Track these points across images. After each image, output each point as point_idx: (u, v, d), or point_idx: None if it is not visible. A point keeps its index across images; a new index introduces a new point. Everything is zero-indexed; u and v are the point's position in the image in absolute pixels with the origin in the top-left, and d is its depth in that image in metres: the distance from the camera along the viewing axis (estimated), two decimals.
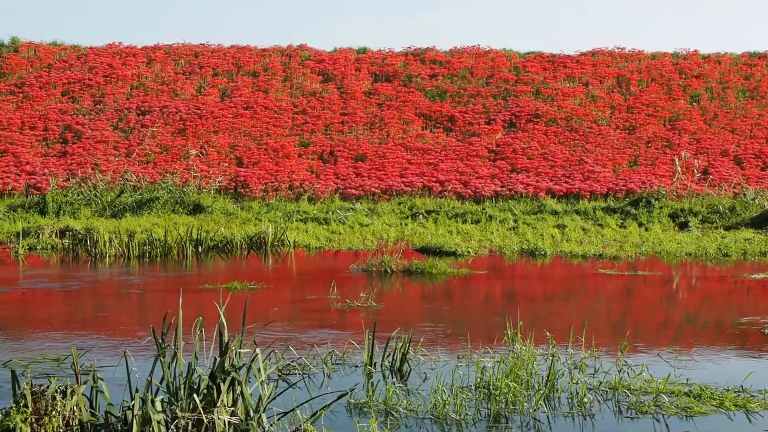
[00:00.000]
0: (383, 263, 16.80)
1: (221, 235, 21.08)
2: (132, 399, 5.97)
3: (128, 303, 13.93)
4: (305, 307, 13.30)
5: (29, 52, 40.82)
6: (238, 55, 41.27)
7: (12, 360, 9.14)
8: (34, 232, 21.38)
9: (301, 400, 7.06)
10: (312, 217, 25.27)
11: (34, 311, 13.03)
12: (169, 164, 30.64)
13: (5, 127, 33.34)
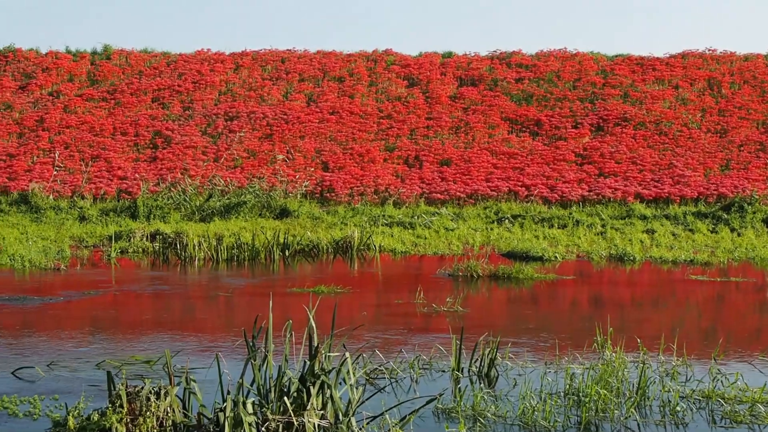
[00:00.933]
0: (469, 268, 16.72)
1: (308, 239, 21.23)
2: (224, 401, 6.03)
3: (217, 306, 14.12)
4: (392, 311, 13.31)
5: (121, 60, 41.76)
6: (324, 60, 41.58)
7: (105, 361, 9.33)
8: (125, 236, 21.82)
9: (390, 405, 7.05)
10: (397, 222, 25.28)
11: (125, 313, 13.29)
12: (256, 169, 31.00)
13: (98, 133, 34.14)
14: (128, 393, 5.96)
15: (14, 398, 7.79)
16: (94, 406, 6.74)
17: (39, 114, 35.64)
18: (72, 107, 36.45)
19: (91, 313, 13.04)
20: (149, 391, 6.01)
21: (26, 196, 27.84)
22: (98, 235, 22.60)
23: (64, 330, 11.50)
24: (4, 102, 36.93)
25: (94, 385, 8.36)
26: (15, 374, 8.84)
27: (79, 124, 34.80)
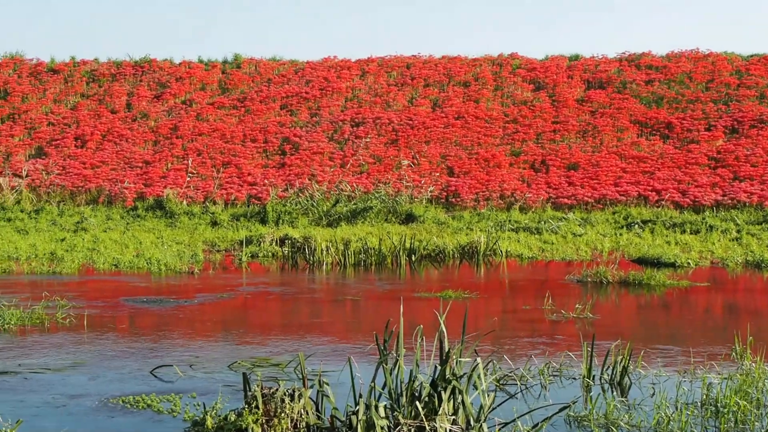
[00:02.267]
0: (598, 274, 16.45)
1: (434, 244, 21.25)
2: (356, 404, 6.09)
3: (345, 310, 14.27)
4: (520, 317, 13.20)
5: (250, 68, 42.70)
6: (449, 65, 41.60)
7: (237, 362, 9.55)
8: (256, 241, 22.28)
9: (520, 411, 7.00)
10: (523, 227, 25.07)
11: (256, 316, 13.57)
12: (382, 174, 31.24)
13: (229, 140, 35.00)
14: (263, 394, 6.08)
15: (153, 396, 8.05)
16: (230, 407, 6.91)
17: (173, 122, 36.77)
18: (204, 115, 37.48)
19: (224, 316, 13.37)
20: (283, 392, 6.11)
21: (161, 202, 28.76)
22: (229, 239, 23.14)
23: (198, 331, 11.82)
24: (140, 111, 38.25)
25: (228, 386, 8.56)
26: (154, 373, 9.13)
27: (211, 131, 35.75)
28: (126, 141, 35.39)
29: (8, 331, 11.45)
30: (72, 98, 40.37)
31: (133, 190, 30.21)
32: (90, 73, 42.50)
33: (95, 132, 36.05)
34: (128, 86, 41.21)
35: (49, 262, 18.86)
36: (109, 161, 33.43)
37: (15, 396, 8.24)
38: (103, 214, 28.15)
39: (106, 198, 30.21)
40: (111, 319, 12.61)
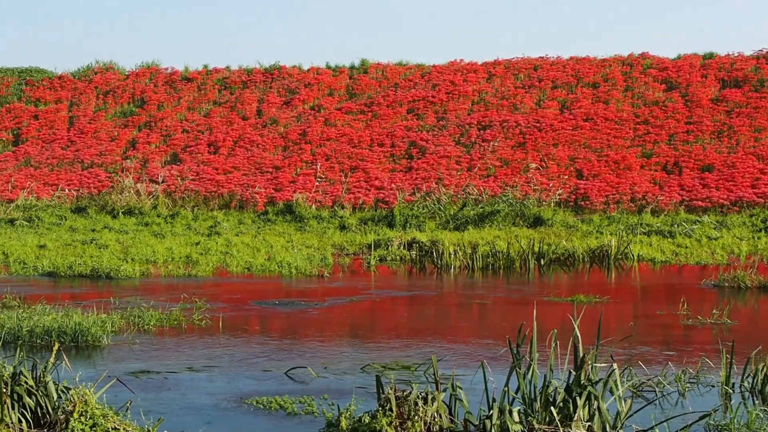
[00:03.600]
0: (736, 278, 15.92)
1: (563, 247, 20.98)
2: (489, 408, 6.06)
3: (473, 313, 14.22)
4: (653, 322, 12.89)
5: (377, 73, 43.04)
6: (577, 66, 41.02)
7: (370, 365, 9.63)
8: (384, 244, 22.43)
9: (657, 419, 6.83)
10: (656, 230, 24.48)
11: (384, 319, 13.66)
12: (509, 177, 31.03)
13: (356, 145, 35.36)
14: (397, 397, 6.11)
15: (286, 397, 8.19)
16: (363, 408, 6.97)
17: (302, 127, 37.37)
18: (332, 120, 37.98)
19: (354, 318, 13.50)
20: (417, 395, 6.13)
21: (291, 206, 29.27)
22: (358, 243, 23.36)
23: (328, 334, 11.97)
24: (270, 117, 39.03)
25: (359, 387, 8.64)
26: (289, 374, 9.29)
27: (339, 136, 36.19)
28: (257, 147, 36.16)
29: (148, 331, 11.83)
30: (205, 106, 41.51)
31: (264, 195, 30.84)
32: (222, 81, 43.62)
33: (227, 138, 36.96)
34: (258, 93, 42.11)
35: (184, 265, 19.42)
36: (240, 167, 34.23)
37: (155, 395, 8.50)
38: (235, 219, 28.83)
39: (238, 203, 30.93)
40: (244, 321, 12.90)
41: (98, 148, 37.61)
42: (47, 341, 10.70)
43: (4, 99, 44.20)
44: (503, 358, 9.61)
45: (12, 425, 6.65)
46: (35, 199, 31.94)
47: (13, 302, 13.67)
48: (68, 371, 7.75)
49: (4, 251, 21.08)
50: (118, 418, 6.79)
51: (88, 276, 17.80)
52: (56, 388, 6.96)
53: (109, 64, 46.66)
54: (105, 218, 29.27)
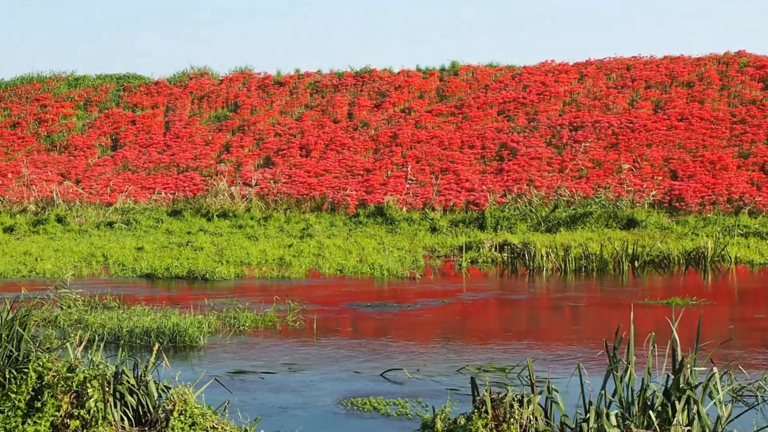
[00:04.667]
0: None
1: (657, 249, 20.62)
2: (585, 411, 6.01)
3: (566, 316, 14.09)
4: (752, 325, 12.60)
5: (467, 75, 42.96)
6: (671, 65, 40.28)
7: (465, 367, 9.63)
8: (475, 246, 22.37)
9: (759, 425, 6.68)
10: (754, 232, 23.90)
11: (476, 321, 13.62)
12: (602, 179, 30.63)
13: (447, 147, 35.33)
14: (492, 399, 6.11)
15: (380, 399, 8.25)
16: (457, 411, 6.98)
17: (392, 130, 37.51)
18: (422, 123, 38.03)
19: (445, 321, 13.51)
20: (512, 398, 6.12)
21: (382, 209, 29.41)
22: (449, 245, 23.34)
23: (420, 336, 12.00)
24: (361, 120, 39.27)
25: (452, 389, 8.64)
26: (384, 376, 9.35)
27: (429, 138, 36.22)
28: (348, 149, 36.42)
29: (243, 332, 12.03)
30: (297, 109, 41.99)
31: (355, 198, 31.05)
32: (313, 85, 44.06)
33: (319, 141, 37.32)
34: (349, 96, 42.42)
35: (278, 267, 19.67)
36: (332, 169, 34.52)
37: (252, 395, 8.65)
38: (327, 221, 29.08)
39: (330, 205, 31.20)
40: (337, 323, 13.01)
41: (193, 152, 38.36)
42: (146, 341, 10.96)
43: (103, 105, 45.42)
44: (598, 361, 9.51)
45: (114, 423, 6.83)
46: (133, 202, 32.73)
47: (113, 303, 14.04)
48: (167, 371, 7.93)
49: (103, 253, 21.65)
50: (216, 417, 6.93)
51: (185, 278, 18.17)
52: (157, 387, 7.13)
53: (204, 69, 47.56)
54: (200, 221, 29.83)
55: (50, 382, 6.71)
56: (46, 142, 42.60)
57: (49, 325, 12.24)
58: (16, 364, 7.07)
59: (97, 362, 7.03)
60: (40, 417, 6.52)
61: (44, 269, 18.92)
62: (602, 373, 6.72)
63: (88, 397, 6.68)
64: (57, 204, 32.56)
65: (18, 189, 34.67)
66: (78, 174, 37.54)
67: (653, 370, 7.12)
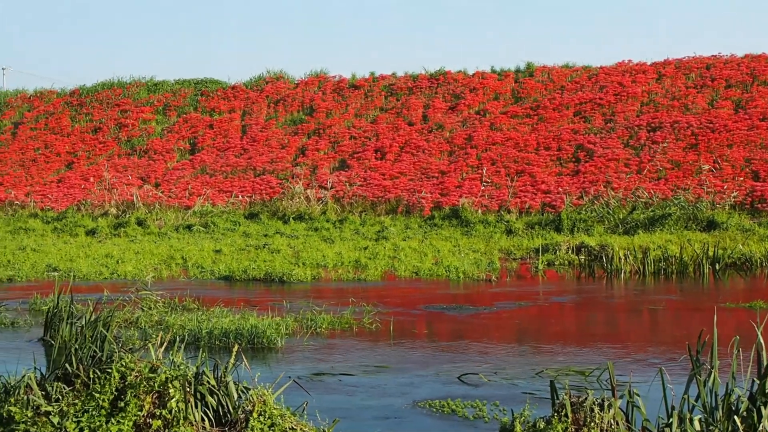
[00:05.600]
0: None
1: (739, 252, 20.20)
2: (668, 416, 5.90)
3: (645, 319, 13.87)
4: None
5: (543, 76, 42.64)
6: (752, 64, 39.43)
7: (543, 370, 9.54)
8: (551, 249, 22.18)
9: None
10: None
11: (553, 324, 13.49)
12: (681, 180, 30.11)
13: (522, 149, 35.11)
14: (572, 403, 6.04)
15: (458, 401, 8.22)
16: (537, 414, 6.92)
17: (467, 132, 37.41)
18: (497, 124, 37.85)
19: (522, 323, 13.41)
20: (593, 402, 6.04)
21: (457, 211, 29.34)
22: (524, 247, 23.18)
23: (497, 339, 11.93)
24: (436, 122, 39.25)
25: (529, 393, 8.58)
26: (462, 379, 9.32)
27: (504, 140, 36.03)
28: (423, 152, 36.43)
29: (320, 334, 12.10)
30: (372, 112, 42.14)
31: (430, 200, 31.03)
32: (388, 87, 44.18)
33: (394, 144, 37.40)
34: (424, 98, 42.44)
35: (353, 269, 19.76)
36: (407, 172, 34.56)
37: (330, 397, 8.69)
38: (402, 224, 29.11)
39: (405, 208, 31.22)
40: (413, 325, 13.01)
41: (269, 155, 38.75)
42: (225, 342, 11.09)
43: (181, 110, 46.17)
44: (679, 365, 9.35)
45: (195, 423, 6.92)
46: (211, 205, 33.19)
47: (192, 305, 14.24)
48: (246, 372, 8.00)
49: (182, 256, 21.99)
50: (294, 418, 6.97)
51: (262, 280, 18.35)
52: (236, 388, 7.20)
53: (279, 73, 48.04)
54: (276, 223, 30.11)
55: (133, 383, 6.82)
56: (127, 146, 43.46)
57: (130, 326, 12.47)
58: (99, 364, 7.20)
59: (178, 363, 7.13)
60: (123, 417, 6.64)
61: (125, 271, 19.29)
62: (684, 378, 6.61)
63: (170, 397, 6.77)
64: (137, 207, 33.19)
65: (100, 193, 35.42)
66: (157, 178, 38.22)
67: (737, 375, 6.97)
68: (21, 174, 41.72)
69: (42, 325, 12.18)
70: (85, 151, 43.52)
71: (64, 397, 6.89)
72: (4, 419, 6.78)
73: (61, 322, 11.39)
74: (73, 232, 29.37)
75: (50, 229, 30.50)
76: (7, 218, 33.91)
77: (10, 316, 13.67)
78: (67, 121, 47.49)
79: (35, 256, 22.37)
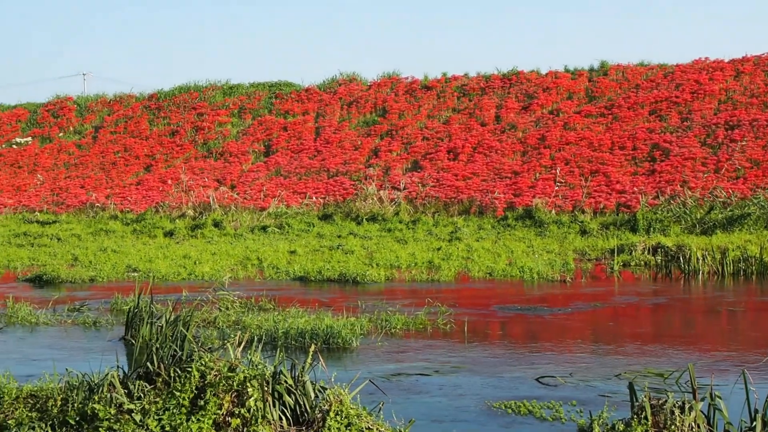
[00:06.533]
0: None
1: None
2: (752, 420, 5.80)
3: (724, 321, 13.63)
4: None
5: (617, 74, 42.15)
6: None
7: (622, 373, 9.45)
8: (627, 249, 21.91)
9: None
10: None
11: (629, 325, 13.33)
12: (760, 179, 29.47)
13: (596, 148, 34.74)
14: (652, 405, 5.98)
15: (534, 403, 8.19)
16: (615, 417, 6.85)
17: (540, 132, 37.16)
18: (571, 124, 37.52)
19: (597, 325, 13.28)
20: (673, 404, 5.97)
21: (530, 211, 29.16)
22: (599, 248, 22.94)
23: (572, 340, 11.83)
24: (508, 122, 39.07)
25: (605, 396, 8.49)
26: (540, 381, 9.26)
27: (578, 140, 35.69)
28: (495, 152, 36.28)
29: (394, 335, 12.14)
30: (444, 113, 42.12)
31: (503, 200, 30.88)
32: (460, 88, 44.11)
33: (466, 144, 37.31)
34: (497, 99, 42.28)
35: (427, 270, 19.77)
36: (479, 172, 34.46)
37: (405, 397, 8.72)
38: (475, 224, 29.02)
39: (477, 208, 31.13)
40: (487, 326, 12.98)
41: (343, 157, 38.97)
42: (301, 342, 11.20)
43: (256, 112, 46.70)
44: (761, 368, 9.18)
45: (273, 422, 7.01)
46: (285, 206, 33.50)
47: (268, 305, 14.41)
48: (322, 372, 8.07)
49: (258, 257, 22.24)
50: (371, 418, 7.02)
51: (336, 280, 18.46)
52: (313, 387, 7.27)
53: (352, 75, 48.31)
54: (350, 224, 30.26)
55: (212, 381, 6.93)
56: (203, 149, 44.11)
57: (208, 326, 12.67)
58: (180, 363, 7.34)
59: (256, 362, 7.23)
60: (203, 415, 6.75)
61: (202, 272, 19.58)
62: (767, 380, 6.49)
63: (248, 396, 6.87)
64: (213, 209, 33.66)
65: (177, 195, 36.02)
66: (233, 180, 38.70)
67: None
68: (101, 177, 42.62)
69: (123, 324, 12.44)
70: (163, 154, 44.29)
71: (145, 395, 7.04)
72: (89, 416, 6.95)
73: (141, 321, 11.62)
74: (151, 233, 29.91)
75: (130, 230, 31.10)
76: (88, 220, 34.68)
77: (93, 316, 13.99)
78: (145, 124, 48.39)
79: (116, 257, 22.84)
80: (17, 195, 41.53)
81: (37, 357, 10.87)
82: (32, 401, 7.41)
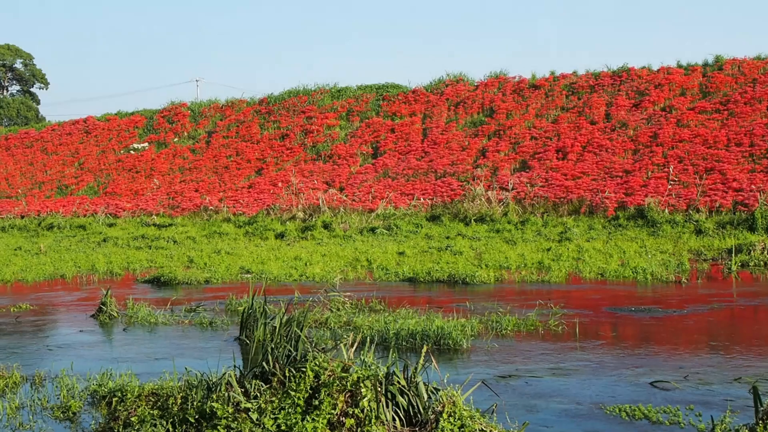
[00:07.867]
0: None
1: None
2: None
3: None
4: None
5: (733, 69, 40.99)
6: None
7: (741, 377, 9.19)
8: (745, 249, 21.29)
9: None
10: None
11: (747, 328, 12.95)
12: None
13: (711, 145, 33.86)
14: None
15: (650, 407, 8.03)
16: (737, 422, 6.68)
17: (652, 130, 36.41)
18: (684, 121, 36.66)
19: (714, 327, 12.94)
20: None
21: (642, 211, 28.60)
22: (715, 248, 22.37)
23: (689, 342, 11.56)
24: (619, 120, 38.40)
25: (727, 400, 8.28)
26: (654, 385, 9.08)
27: (692, 137, 34.86)
28: (606, 151, 35.72)
29: (505, 336, 12.08)
30: (552, 112, 41.67)
31: (614, 200, 30.37)
32: (569, 86, 43.58)
33: (575, 144, 36.84)
34: (607, 96, 41.61)
35: (537, 271, 19.59)
36: (589, 172, 33.97)
37: (518, 399, 8.66)
38: (585, 224, 28.62)
39: (588, 208, 30.69)
40: (599, 328, 12.79)
41: (450, 158, 38.94)
42: (411, 343, 11.24)
43: (363, 114, 47.06)
44: None
45: (386, 423, 7.05)
46: (393, 208, 33.66)
47: (378, 306, 14.50)
48: (433, 373, 8.08)
49: (367, 258, 22.41)
50: (484, 420, 7.00)
51: (445, 281, 18.46)
52: (426, 388, 7.29)
53: (459, 76, 48.23)
54: (458, 225, 30.21)
55: (327, 381, 7.02)
56: (312, 152, 44.68)
57: (320, 326, 12.82)
58: (294, 363, 7.45)
59: (369, 363, 7.28)
60: (318, 414, 6.84)
61: (313, 273, 19.83)
62: None
63: (362, 396, 6.93)
64: (323, 211, 34.04)
65: (287, 197, 36.55)
66: (341, 182, 39.08)
67: None
68: (215, 180, 43.59)
69: (238, 324, 12.69)
70: (273, 158, 45.01)
71: (261, 394, 7.17)
72: (207, 415, 7.12)
73: (255, 322, 11.84)
74: (263, 235, 30.44)
75: (242, 232, 31.71)
76: (202, 223, 35.50)
77: (209, 316, 14.32)
78: (256, 128, 49.29)
79: (229, 258, 23.32)
80: (135, 199, 42.83)
81: (157, 356, 11.18)
82: (153, 399, 7.64)
